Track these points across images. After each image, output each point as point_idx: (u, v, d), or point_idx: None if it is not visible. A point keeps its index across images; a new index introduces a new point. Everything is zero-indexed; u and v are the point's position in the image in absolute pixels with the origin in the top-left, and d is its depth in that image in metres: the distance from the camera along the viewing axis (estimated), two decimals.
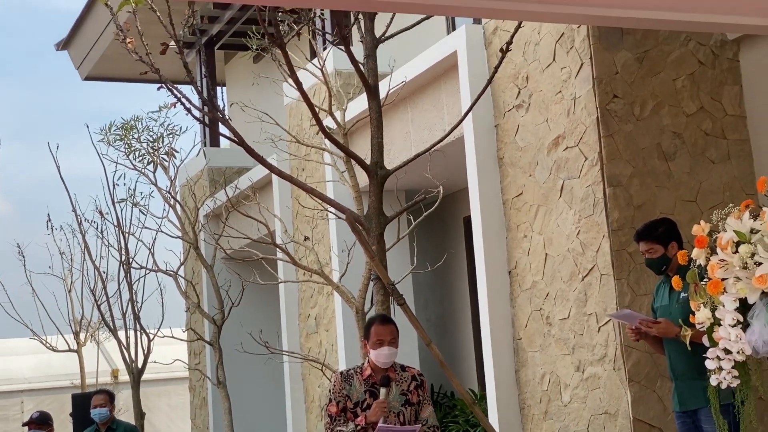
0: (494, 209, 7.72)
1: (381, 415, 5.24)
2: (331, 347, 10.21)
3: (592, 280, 6.80)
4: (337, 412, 5.38)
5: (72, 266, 17.00)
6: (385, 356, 5.35)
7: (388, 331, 5.39)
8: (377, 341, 5.37)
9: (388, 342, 5.36)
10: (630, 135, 6.80)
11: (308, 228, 10.61)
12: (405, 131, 9.10)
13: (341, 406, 5.39)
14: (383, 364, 5.38)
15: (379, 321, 5.54)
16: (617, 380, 6.59)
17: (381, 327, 5.43)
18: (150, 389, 17.08)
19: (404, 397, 5.40)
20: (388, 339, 5.37)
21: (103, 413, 8.64)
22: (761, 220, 4.20)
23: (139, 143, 12.24)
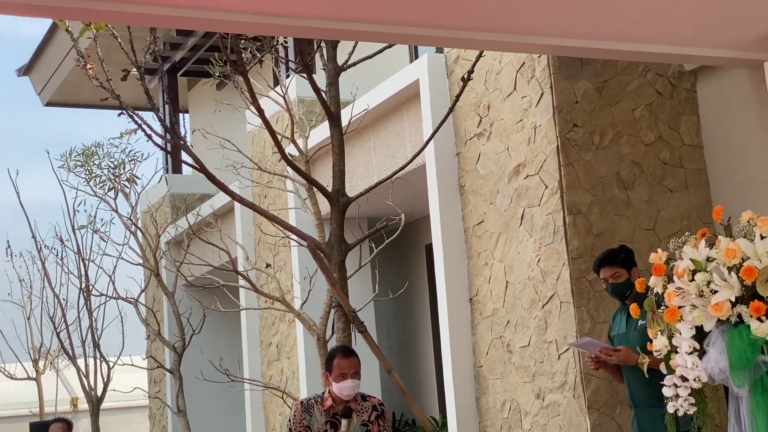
0: (455, 237, 7.75)
1: None
2: (292, 375, 10.16)
3: (552, 308, 6.83)
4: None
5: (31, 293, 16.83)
6: (348, 389, 5.32)
7: (351, 364, 5.34)
8: (340, 374, 5.32)
9: (351, 375, 5.31)
10: (589, 164, 6.87)
11: (270, 255, 10.58)
12: (367, 159, 9.13)
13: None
14: (347, 396, 5.35)
15: (341, 353, 5.46)
16: (577, 408, 6.62)
17: (343, 360, 5.37)
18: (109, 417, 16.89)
19: (365, 427, 5.38)
20: (351, 372, 5.32)
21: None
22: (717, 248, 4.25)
23: (100, 169, 12.18)
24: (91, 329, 13.18)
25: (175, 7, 4.68)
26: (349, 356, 5.41)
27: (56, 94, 15.13)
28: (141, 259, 12.00)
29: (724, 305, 4.13)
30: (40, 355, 17.02)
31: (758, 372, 4.12)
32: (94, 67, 6.66)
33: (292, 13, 4.93)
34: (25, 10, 4.50)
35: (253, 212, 10.17)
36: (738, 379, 4.16)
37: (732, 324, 4.16)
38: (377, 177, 8.52)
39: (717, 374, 4.25)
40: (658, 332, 4.44)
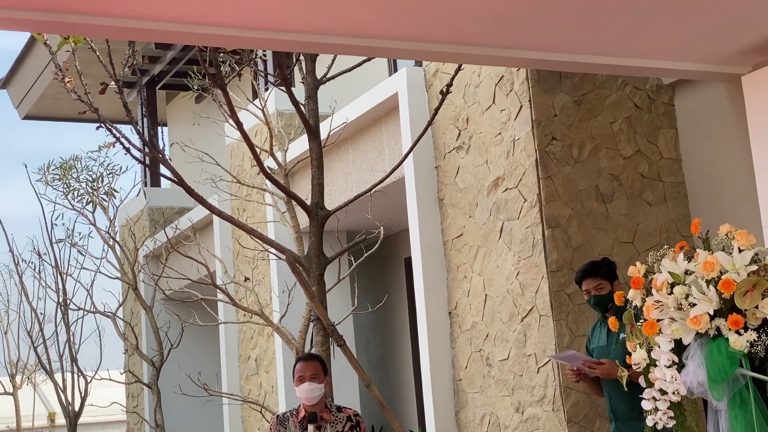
0: (435, 250, 7.74)
1: None
2: (271, 389, 10.12)
3: (532, 321, 6.84)
4: None
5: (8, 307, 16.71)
6: (305, 392, 5.37)
7: (309, 367, 5.42)
8: (298, 378, 5.43)
9: (308, 378, 5.39)
10: (568, 177, 6.88)
11: (249, 269, 10.55)
12: (346, 172, 9.12)
13: None
14: (306, 400, 5.39)
15: (302, 359, 5.59)
16: (556, 421, 6.61)
17: (301, 364, 5.48)
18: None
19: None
20: (308, 375, 5.39)
21: None
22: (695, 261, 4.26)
23: (78, 183, 12.12)
24: (68, 343, 13.09)
25: (153, 20, 4.67)
26: (307, 360, 5.52)
27: (34, 107, 15.05)
28: (119, 272, 11.93)
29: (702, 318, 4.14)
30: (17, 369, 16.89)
31: (737, 385, 4.13)
32: (72, 81, 6.63)
33: (271, 26, 4.92)
34: (3, 24, 4.47)
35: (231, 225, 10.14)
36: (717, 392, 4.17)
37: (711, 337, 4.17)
38: (356, 190, 8.51)
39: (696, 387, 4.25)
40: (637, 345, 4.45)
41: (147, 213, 13.13)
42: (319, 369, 5.44)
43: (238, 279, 10.37)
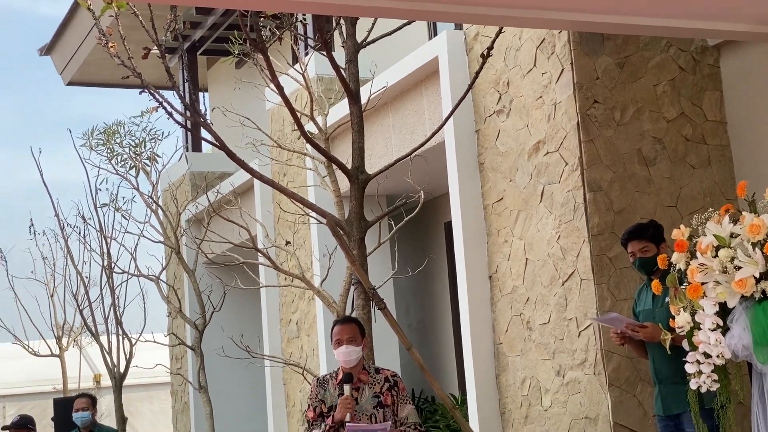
0: (475, 214, 7.73)
1: (346, 412, 5.27)
2: (312, 352, 10.19)
3: (573, 285, 6.82)
4: (314, 417, 5.42)
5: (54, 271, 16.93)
6: (342, 354, 5.40)
7: (346, 330, 5.45)
8: (336, 341, 5.46)
9: (346, 341, 5.42)
10: (610, 140, 6.83)
11: (289, 233, 10.60)
12: (386, 136, 9.11)
13: (318, 411, 5.42)
14: (344, 362, 5.43)
15: (339, 321, 5.63)
16: (597, 385, 6.61)
17: (339, 326, 5.51)
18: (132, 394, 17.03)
19: (377, 399, 5.41)
20: (345, 338, 5.42)
21: (85, 417, 8.59)
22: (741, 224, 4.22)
23: (122, 148, 12.22)
24: (113, 306, 13.25)
25: None
26: (344, 323, 5.56)
27: (78, 73, 15.17)
28: (162, 237, 12.04)
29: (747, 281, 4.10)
30: (63, 332, 17.14)
31: None
32: (115, 46, 6.67)
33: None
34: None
35: (272, 190, 10.19)
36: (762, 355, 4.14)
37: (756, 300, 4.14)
38: (396, 154, 8.50)
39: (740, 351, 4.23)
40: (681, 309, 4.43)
41: (189, 178, 13.22)
42: (356, 332, 5.47)
43: (279, 243, 10.42)
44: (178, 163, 13.33)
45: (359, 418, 5.33)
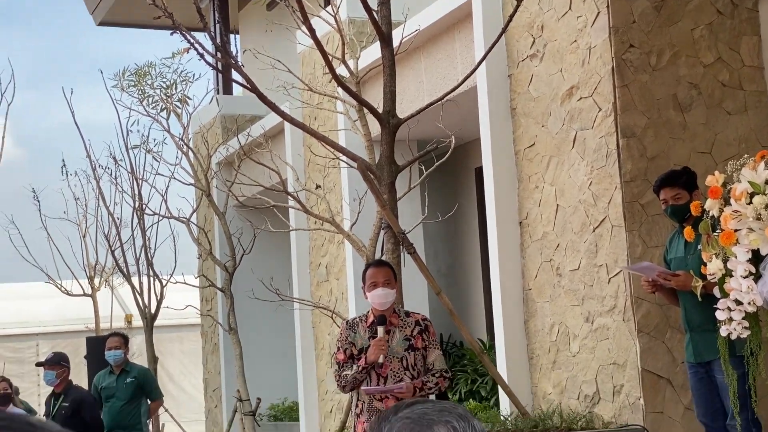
0: (506, 160, 7.69)
1: (379, 354, 5.27)
2: (341, 296, 10.25)
3: (603, 232, 6.78)
4: (344, 359, 5.43)
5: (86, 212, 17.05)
6: (378, 297, 5.37)
7: (382, 273, 5.42)
8: (371, 283, 5.42)
9: (382, 283, 5.38)
10: (645, 85, 6.74)
11: (320, 176, 10.60)
12: (418, 80, 9.05)
13: (348, 353, 5.43)
14: (379, 305, 5.40)
15: (373, 264, 5.61)
16: (626, 331, 6.61)
17: (374, 269, 5.48)
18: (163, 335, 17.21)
19: (407, 342, 5.41)
20: (382, 280, 5.39)
21: (117, 355, 8.69)
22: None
23: (153, 90, 12.23)
24: (144, 248, 13.35)
25: None
26: (379, 266, 5.52)
27: (109, 13, 15.14)
28: (193, 179, 12.09)
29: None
30: (95, 272, 17.31)
31: None
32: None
33: None
34: None
35: (303, 133, 10.17)
36: None
37: None
38: (428, 99, 8.44)
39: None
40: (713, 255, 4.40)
41: (219, 120, 13.23)
42: (391, 275, 5.45)
43: (310, 186, 10.43)
44: (209, 106, 13.33)
45: (390, 359, 5.35)
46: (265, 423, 12.06)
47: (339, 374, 5.42)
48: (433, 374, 5.40)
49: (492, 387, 8.93)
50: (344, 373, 5.37)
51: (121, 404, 8.66)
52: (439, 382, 5.38)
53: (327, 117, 10.30)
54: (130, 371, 8.80)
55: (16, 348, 18.85)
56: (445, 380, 5.42)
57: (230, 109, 13.26)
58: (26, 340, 19.16)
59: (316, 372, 10.90)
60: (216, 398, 13.58)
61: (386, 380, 5.34)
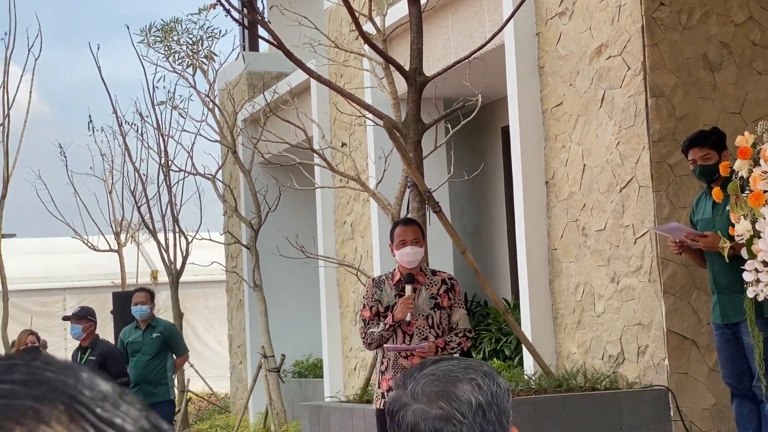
0: (533, 119, 7.64)
1: (406, 312, 5.28)
2: (366, 253, 10.27)
3: (630, 192, 6.75)
4: (370, 316, 5.44)
5: (113, 168, 17.14)
6: (407, 255, 5.36)
7: (410, 231, 5.41)
8: (400, 242, 5.40)
9: (410, 242, 5.37)
10: (675, 44, 6.66)
11: (346, 134, 10.59)
12: (445, 38, 8.99)
13: (374, 311, 5.44)
14: (407, 263, 5.39)
15: (401, 222, 5.61)
16: (652, 292, 6.59)
17: (403, 227, 5.47)
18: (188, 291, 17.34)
19: (434, 300, 5.42)
20: (410, 239, 5.38)
21: (144, 310, 8.77)
22: None
23: (179, 46, 12.21)
24: (170, 204, 13.42)
25: None
26: (407, 224, 5.51)
27: None
28: (218, 136, 12.10)
29: None
30: (121, 228, 17.42)
31: None
32: None
33: None
34: None
35: (329, 91, 10.14)
36: None
37: None
38: (455, 57, 8.38)
39: None
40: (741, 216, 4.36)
41: (246, 77, 13.21)
42: (419, 233, 5.45)
43: (335, 144, 10.42)
44: (235, 63, 13.31)
45: (416, 317, 5.36)
46: (290, 379, 12.17)
47: (365, 331, 5.44)
48: (456, 333, 5.41)
49: (516, 346, 8.96)
50: (370, 331, 5.39)
51: (147, 359, 8.74)
52: (461, 341, 5.39)
53: (353, 74, 10.26)
54: (156, 326, 8.88)
55: (44, 302, 19.06)
56: (468, 340, 5.44)
57: (256, 65, 13.23)
58: (53, 295, 19.37)
59: (340, 329, 10.96)
60: (240, 354, 13.69)
61: (411, 338, 5.36)
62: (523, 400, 6.24)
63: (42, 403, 0.47)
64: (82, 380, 0.50)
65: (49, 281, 19.55)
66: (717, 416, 6.55)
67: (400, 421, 1.53)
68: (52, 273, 19.73)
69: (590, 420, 6.26)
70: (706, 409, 6.54)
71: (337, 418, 7.04)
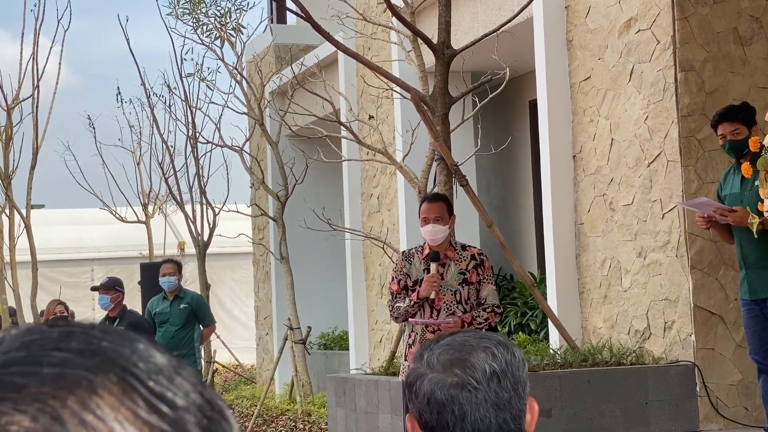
0: (561, 93, 7.61)
1: (431, 289, 5.28)
2: (392, 226, 10.29)
3: (659, 167, 6.71)
4: (398, 290, 5.44)
5: (141, 139, 17.23)
6: (428, 233, 5.36)
7: (434, 209, 5.38)
8: (423, 219, 5.40)
9: (432, 219, 5.35)
10: (705, 18, 6.60)
11: (373, 107, 10.58)
12: (473, 11, 8.95)
13: (402, 284, 5.44)
14: (430, 241, 5.39)
15: (427, 199, 5.57)
16: (679, 267, 6.57)
17: (427, 204, 5.44)
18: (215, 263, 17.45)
19: (462, 275, 5.41)
20: (432, 216, 5.35)
21: (171, 281, 8.83)
22: None
23: (207, 18, 12.22)
24: (197, 176, 13.48)
25: None
26: (432, 201, 5.47)
27: None
28: (246, 108, 12.13)
29: None
30: (149, 199, 17.53)
31: None
32: None
33: None
34: None
35: (356, 63, 10.13)
36: None
37: None
38: (483, 30, 8.35)
39: None
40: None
41: (273, 50, 13.21)
42: (443, 210, 5.41)
43: (363, 117, 10.43)
44: (263, 35, 13.31)
45: (443, 292, 5.36)
46: (315, 351, 12.24)
47: (392, 305, 5.46)
48: (484, 309, 5.41)
49: (542, 320, 8.97)
50: (396, 305, 5.39)
51: (175, 329, 8.82)
52: (489, 317, 5.38)
53: (381, 47, 10.24)
54: (184, 297, 8.94)
55: (72, 273, 19.24)
56: (495, 315, 5.43)
57: (284, 38, 13.22)
58: (81, 266, 19.54)
59: (366, 302, 11.00)
60: (267, 326, 13.78)
61: (439, 313, 5.37)
62: (549, 374, 6.26)
63: (96, 373, 0.48)
64: (138, 351, 0.51)
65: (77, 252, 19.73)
66: (743, 392, 6.54)
67: (417, 391, 1.55)
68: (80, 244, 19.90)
69: (615, 395, 6.27)
70: (733, 385, 6.53)
71: (363, 390, 7.09)
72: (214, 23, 12.10)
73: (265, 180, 12.52)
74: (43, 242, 16.94)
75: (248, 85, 12.15)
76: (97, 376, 0.48)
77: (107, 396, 0.48)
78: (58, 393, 0.47)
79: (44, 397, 0.47)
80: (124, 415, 0.48)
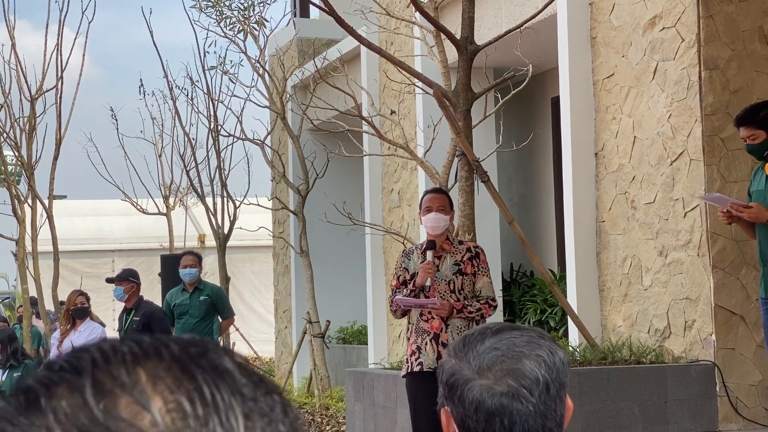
0: (584, 90, 7.58)
1: (426, 277, 5.35)
2: (413, 222, 10.28)
3: (681, 165, 6.68)
4: (396, 284, 5.55)
5: (162, 131, 17.30)
6: (431, 220, 5.43)
7: (437, 199, 5.50)
8: (426, 208, 5.49)
9: (435, 208, 5.45)
10: (731, 16, 6.56)
11: (395, 102, 10.57)
12: (496, 7, 8.93)
13: (401, 279, 5.52)
14: (431, 228, 5.46)
15: (430, 191, 5.72)
16: (701, 266, 6.54)
17: (430, 195, 5.57)
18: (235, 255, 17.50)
19: (457, 266, 5.46)
20: (435, 205, 5.46)
21: (192, 273, 8.85)
22: None
23: (230, 11, 12.25)
24: (219, 169, 13.52)
25: None
26: (436, 193, 5.64)
27: None
28: (268, 101, 12.15)
29: None
30: (170, 191, 17.59)
31: None
32: None
33: None
34: None
35: (379, 58, 10.14)
36: None
37: None
38: (506, 26, 8.33)
39: None
40: None
41: (296, 44, 13.22)
42: (446, 202, 5.53)
43: (384, 112, 10.42)
44: (286, 29, 13.33)
45: (438, 282, 5.41)
46: (334, 345, 12.26)
47: (391, 299, 5.55)
48: (478, 300, 5.44)
49: (561, 318, 8.95)
50: (396, 298, 5.47)
51: (194, 321, 8.84)
52: (482, 308, 5.41)
53: (404, 42, 10.23)
54: (203, 289, 8.97)
55: (93, 264, 19.34)
56: (490, 308, 5.46)
57: (307, 32, 13.24)
58: (102, 257, 19.65)
59: (385, 297, 11.00)
60: (286, 319, 13.81)
61: None
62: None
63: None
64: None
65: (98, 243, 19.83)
66: (763, 393, 6.51)
67: (463, 395, 1.52)
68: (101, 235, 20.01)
69: (635, 393, 6.25)
70: (753, 385, 6.50)
71: (381, 384, 7.10)
72: (238, 16, 12.12)
73: (286, 174, 12.54)
74: (65, 233, 17.03)
75: (270, 78, 12.17)
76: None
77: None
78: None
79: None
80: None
